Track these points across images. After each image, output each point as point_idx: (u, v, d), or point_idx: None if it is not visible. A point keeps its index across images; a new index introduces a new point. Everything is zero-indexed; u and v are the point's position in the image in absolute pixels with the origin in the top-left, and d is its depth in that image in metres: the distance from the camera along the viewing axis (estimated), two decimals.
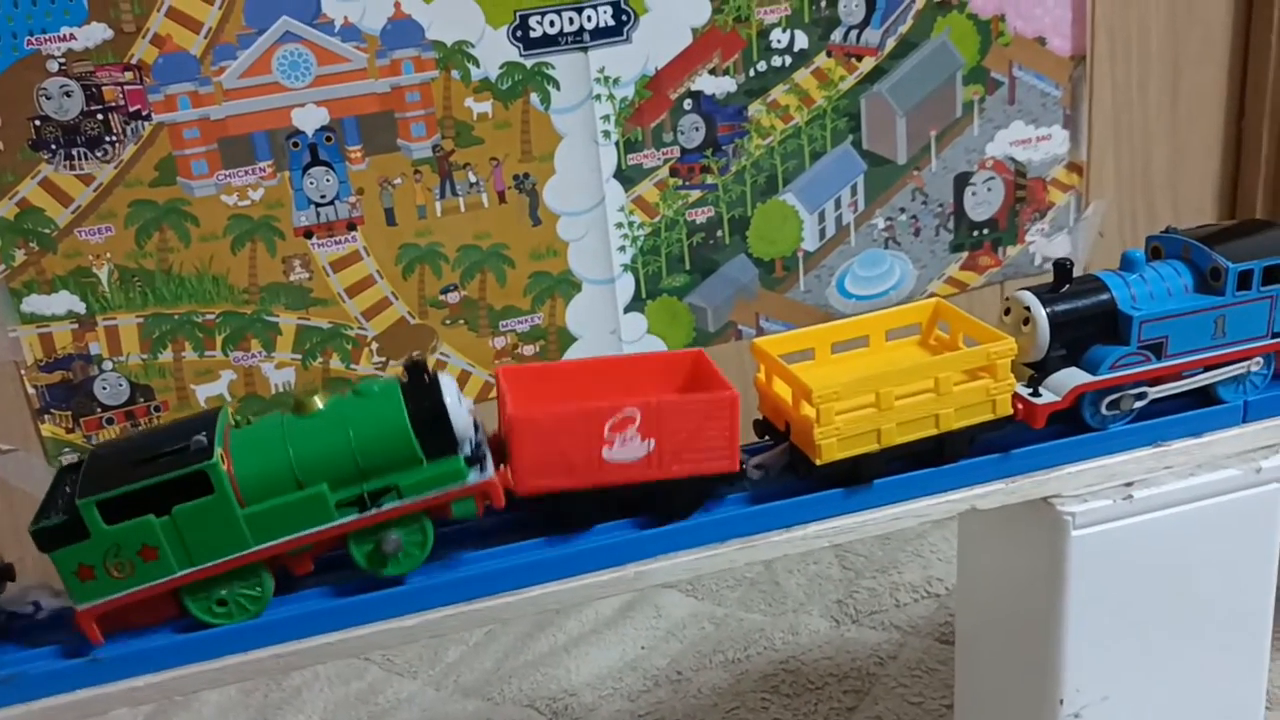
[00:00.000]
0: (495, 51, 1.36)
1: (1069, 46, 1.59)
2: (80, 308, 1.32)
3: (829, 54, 1.49)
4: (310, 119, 1.33)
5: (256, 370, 1.40)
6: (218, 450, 0.67)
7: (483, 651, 1.30)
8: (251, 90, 1.30)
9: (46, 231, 1.29)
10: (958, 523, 0.93)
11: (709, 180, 1.49)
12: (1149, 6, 1.60)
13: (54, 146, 1.26)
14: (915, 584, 1.31)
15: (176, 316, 1.35)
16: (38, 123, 1.25)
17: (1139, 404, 0.79)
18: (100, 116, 1.27)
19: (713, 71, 1.45)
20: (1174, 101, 1.67)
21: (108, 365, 1.35)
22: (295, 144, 1.33)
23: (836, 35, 1.48)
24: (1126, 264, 0.82)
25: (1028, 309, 0.79)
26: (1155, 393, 0.80)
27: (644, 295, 1.52)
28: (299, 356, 1.41)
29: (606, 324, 1.51)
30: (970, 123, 1.58)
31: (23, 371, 1.33)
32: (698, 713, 1.17)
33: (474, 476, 0.71)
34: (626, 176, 1.46)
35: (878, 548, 1.39)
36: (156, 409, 1.38)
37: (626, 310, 1.52)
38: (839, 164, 1.54)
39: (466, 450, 0.71)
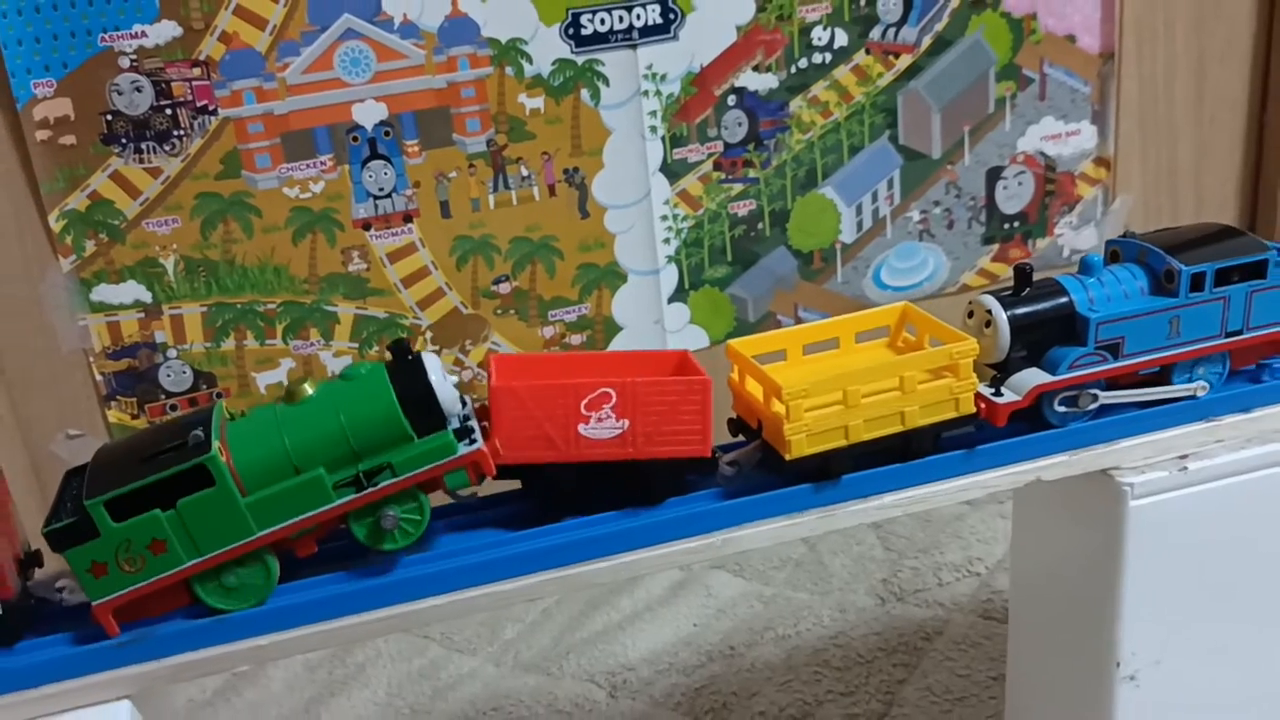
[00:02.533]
0: (548, 48, 1.41)
1: (1098, 44, 1.63)
2: (147, 297, 1.36)
3: (867, 51, 1.53)
4: (370, 114, 1.37)
5: (315, 358, 1.45)
6: (215, 443, 0.70)
7: (539, 629, 1.34)
8: (314, 86, 1.35)
9: (115, 223, 1.33)
10: (1013, 498, 0.97)
11: (751, 174, 1.54)
12: (1176, 5, 1.65)
13: (124, 140, 1.31)
14: (957, 564, 1.36)
15: (239, 306, 1.40)
16: (109, 117, 1.29)
17: (1093, 405, 0.82)
18: (169, 111, 1.31)
19: (756, 68, 1.49)
20: (1199, 98, 1.71)
21: (172, 353, 1.39)
22: (355, 138, 1.38)
23: (875, 33, 1.53)
24: (1084, 268, 0.85)
25: (989, 312, 0.82)
26: (1109, 397, 0.83)
27: (687, 286, 1.56)
28: (356, 345, 1.45)
29: (651, 314, 1.55)
30: (1002, 118, 1.62)
31: (91, 359, 1.37)
32: (752, 685, 1.21)
33: (463, 449, 0.74)
34: (672, 170, 1.50)
35: (919, 529, 1.44)
36: (218, 396, 1.42)
37: (670, 301, 1.56)
38: (876, 158, 1.59)
39: (454, 424, 0.74)
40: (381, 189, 1.40)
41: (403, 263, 1.44)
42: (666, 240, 1.53)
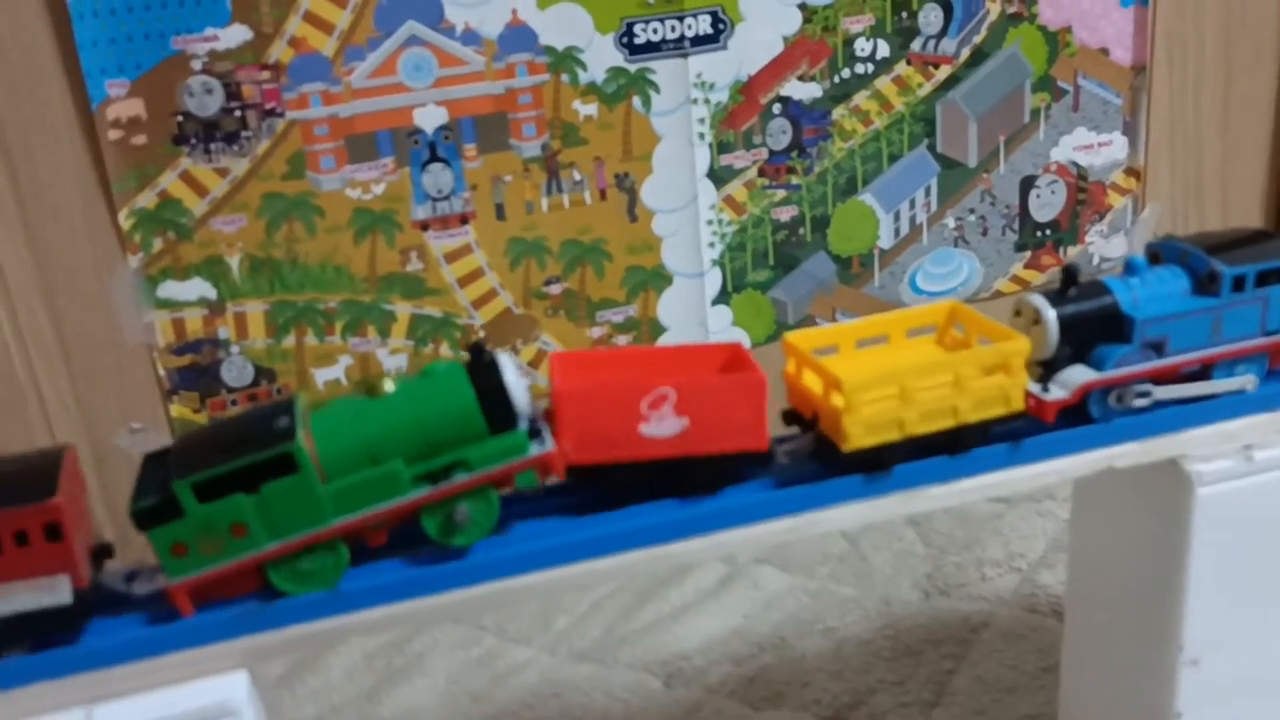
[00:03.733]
0: (602, 57, 1.45)
1: (1130, 57, 1.67)
2: (211, 294, 1.40)
3: (908, 62, 1.57)
4: (430, 118, 1.41)
5: (372, 356, 1.48)
6: (300, 432, 0.73)
7: (590, 621, 1.37)
8: (378, 90, 1.38)
9: (184, 221, 1.36)
10: (1073, 488, 1.01)
11: (794, 180, 1.58)
12: (1205, 18, 1.69)
13: (194, 141, 1.34)
14: (999, 559, 1.39)
15: (300, 304, 1.43)
16: (180, 118, 1.33)
17: (1140, 401, 0.85)
18: (238, 113, 1.35)
19: (801, 78, 1.54)
20: (1225, 109, 1.76)
21: (234, 349, 1.43)
22: (416, 142, 1.41)
23: (916, 44, 1.57)
24: (1129, 268, 0.88)
25: (1037, 311, 0.85)
26: (1159, 393, 0.86)
27: (730, 289, 1.60)
28: (411, 343, 1.49)
29: (695, 316, 1.59)
30: (1037, 129, 1.67)
31: (154, 354, 1.40)
32: (804, 675, 1.24)
33: (534, 449, 0.76)
34: (718, 176, 1.54)
35: (958, 527, 1.47)
36: (278, 391, 1.46)
37: (714, 303, 1.60)
38: (914, 166, 1.63)
39: (525, 425, 0.77)
40: (440, 191, 1.44)
41: (459, 263, 1.48)
42: (711, 244, 1.57)
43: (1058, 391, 0.83)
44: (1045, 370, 0.85)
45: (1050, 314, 0.84)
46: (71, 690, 0.70)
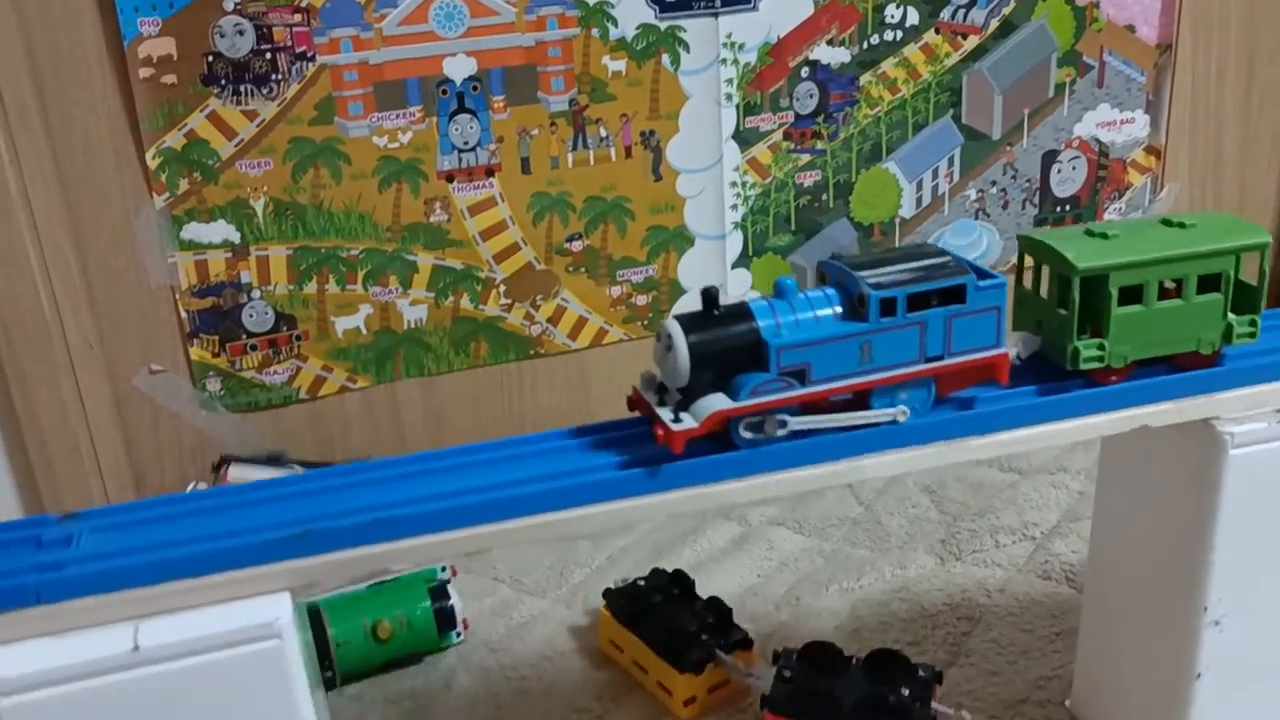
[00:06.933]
0: (633, 13, 1.44)
1: (1155, 35, 1.68)
2: (235, 237, 1.40)
3: (937, 31, 1.57)
4: (460, 68, 1.41)
5: (392, 306, 1.48)
6: None
7: (605, 575, 1.38)
8: (408, 38, 1.38)
9: (210, 163, 1.36)
10: (1100, 444, 1.02)
11: (819, 145, 1.58)
12: (1230, 1, 1.69)
13: (224, 82, 1.34)
14: (1013, 527, 1.40)
15: (323, 250, 1.43)
16: (210, 59, 1.32)
17: (781, 431, 0.80)
18: (268, 56, 1.34)
19: (830, 42, 1.54)
20: (1247, 92, 1.76)
21: (256, 294, 1.43)
22: (444, 91, 1.41)
23: (945, 13, 1.57)
24: (778, 291, 0.82)
25: (670, 337, 0.79)
26: (799, 423, 0.81)
27: (751, 252, 1.60)
28: (432, 295, 1.49)
29: (715, 278, 1.59)
30: (1060, 103, 1.67)
31: (177, 296, 1.40)
32: (820, 633, 1.25)
33: None
34: (744, 138, 1.54)
35: (972, 495, 1.48)
36: (298, 338, 1.46)
37: (734, 266, 1.60)
38: (939, 136, 1.63)
39: None
40: (466, 142, 1.44)
41: (482, 216, 1.47)
42: (734, 206, 1.57)
43: (689, 422, 0.78)
44: (685, 397, 0.80)
45: (682, 341, 0.78)
46: (120, 606, 0.70)
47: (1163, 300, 0.85)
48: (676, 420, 0.78)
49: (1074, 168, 1.71)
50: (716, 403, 0.78)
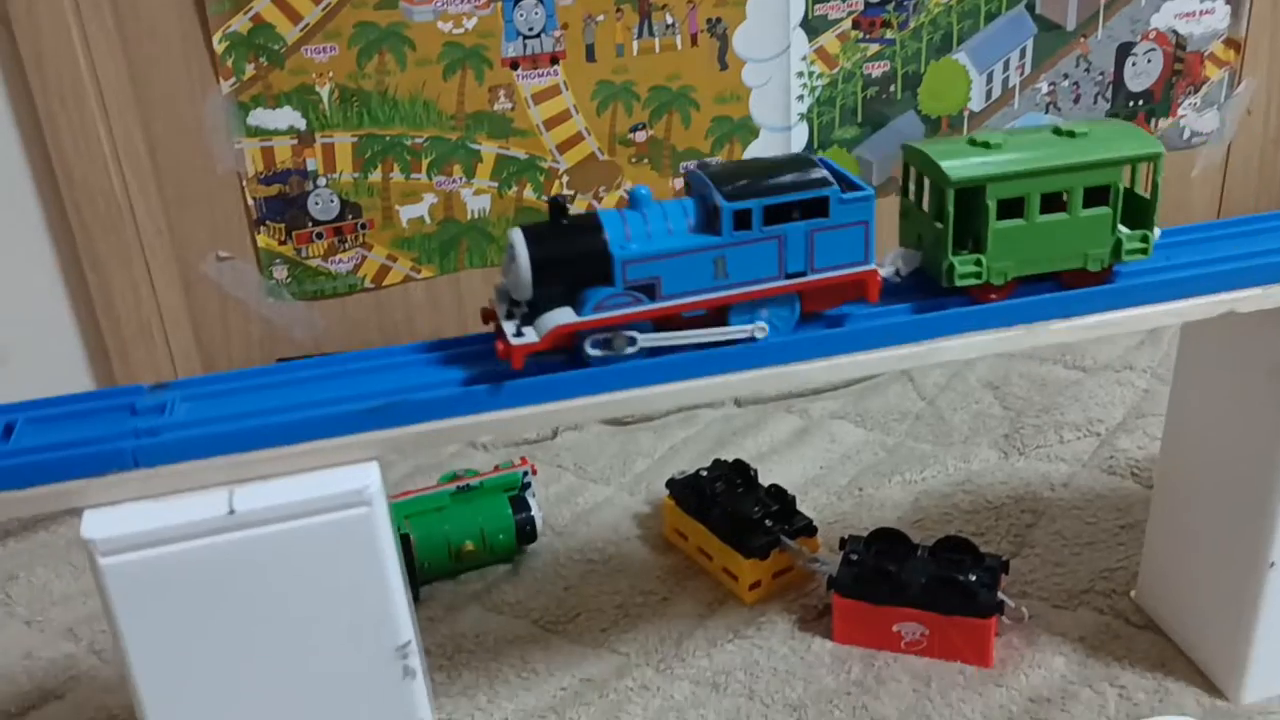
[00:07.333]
0: None
1: None
2: (301, 124, 1.39)
3: None
4: None
5: (456, 195, 1.48)
6: None
7: (668, 464, 1.39)
8: None
9: (276, 48, 1.35)
10: (1180, 336, 1.01)
11: (888, 35, 1.54)
12: None
13: None
14: (1077, 423, 1.39)
15: (388, 138, 1.43)
16: None
17: (631, 348, 0.77)
18: None
19: None
20: None
21: (322, 182, 1.43)
22: None
23: None
24: (633, 201, 0.78)
25: (513, 248, 0.76)
26: (649, 339, 0.77)
27: (816, 145, 1.58)
28: (495, 185, 1.48)
29: None
30: None
31: (244, 183, 1.41)
32: (883, 523, 1.25)
33: None
34: (811, 26, 1.51)
35: (1036, 392, 1.47)
36: (363, 227, 1.46)
37: None
38: (1012, 26, 1.59)
39: None
40: (531, 29, 1.42)
41: (546, 104, 1.46)
42: (800, 97, 1.55)
43: (530, 336, 0.75)
44: (530, 310, 0.77)
45: (524, 252, 0.75)
46: (215, 471, 0.72)
47: (1048, 214, 0.81)
48: (519, 335, 0.75)
49: (1149, 60, 1.66)
50: (559, 317, 0.75)
